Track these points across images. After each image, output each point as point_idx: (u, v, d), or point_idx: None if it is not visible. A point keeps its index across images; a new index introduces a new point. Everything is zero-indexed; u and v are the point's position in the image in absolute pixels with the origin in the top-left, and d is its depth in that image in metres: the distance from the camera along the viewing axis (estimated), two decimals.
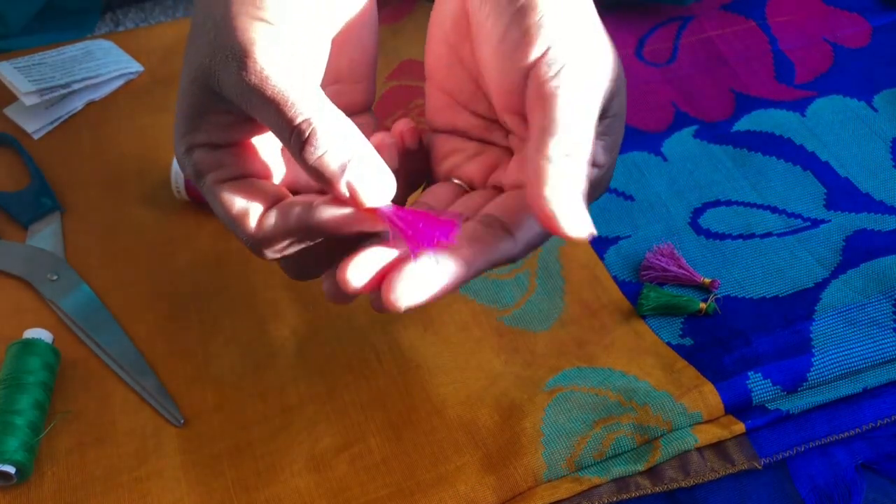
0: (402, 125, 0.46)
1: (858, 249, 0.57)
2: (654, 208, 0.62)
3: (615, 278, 0.57)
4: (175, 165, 0.63)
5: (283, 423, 0.52)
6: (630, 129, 0.67)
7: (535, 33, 0.41)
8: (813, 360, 0.50)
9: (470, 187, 0.46)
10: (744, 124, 0.67)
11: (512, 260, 0.41)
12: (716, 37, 0.74)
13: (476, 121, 0.48)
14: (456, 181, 0.47)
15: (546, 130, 0.39)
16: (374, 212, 0.39)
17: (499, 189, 0.44)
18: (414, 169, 0.47)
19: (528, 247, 0.41)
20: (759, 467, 0.47)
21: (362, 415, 0.52)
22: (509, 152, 0.46)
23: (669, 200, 0.62)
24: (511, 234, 0.40)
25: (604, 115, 0.42)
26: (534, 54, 0.41)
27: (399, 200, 0.44)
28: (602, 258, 0.59)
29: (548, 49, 0.41)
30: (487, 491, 0.47)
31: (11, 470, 0.48)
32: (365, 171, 0.39)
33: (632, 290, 0.57)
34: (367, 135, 0.42)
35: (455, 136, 0.48)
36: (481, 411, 0.51)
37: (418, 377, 0.53)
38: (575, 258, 0.59)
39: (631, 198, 0.63)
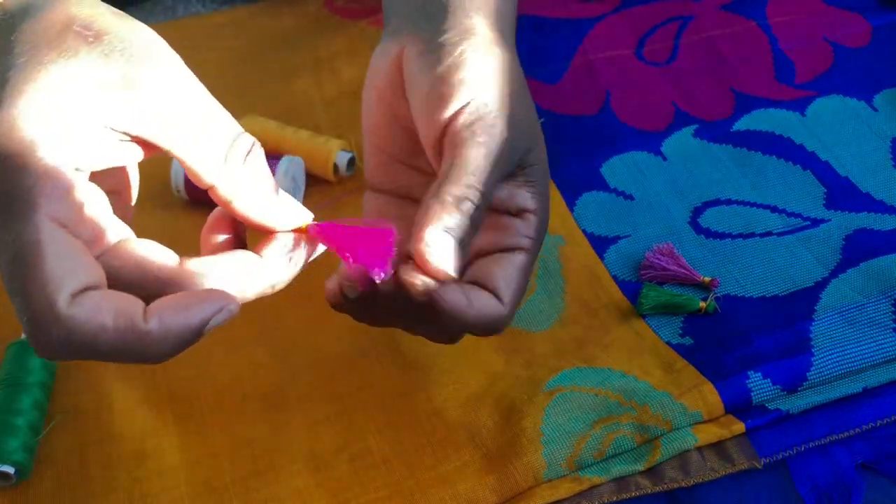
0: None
1: (858, 249, 0.57)
2: (653, 208, 0.62)
3: (615, 278, 0.57)
4: (175, 165, 0.63)
5: (282, 423, 0.52)
6: (630, 128, 0.67)
7: (458, 88, 0.44)
8: (813, 359, 0.50)
9: None
10: (744, 124, 0.67)
11: (504, 321, 0.45)
12: (716, 36, 0.74)
13: (416, 176, 0.50)
14: None
15: (445, 174, 0.43)
16: (304, 231, 0.41)
17: None
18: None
19: (513, 306, 0.45)
20: (759, 467, 0.47)
21: (362, 415, 0.52)
22: None
23: (669, 200, 0.62)
24: (499, 298, 0.44)
25: (523, 164, 0.46)
26: (453, 107, 0.44)
27: None
28: (602, 258, 0.59)
29: (467, 103, 0.44)
30: (487, 491, 0.47)
31: (11, 470, 0.48)
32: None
33: (632, 290, 0.56)
34: None
35: (396, 197, 0.51)
36: (481, 411, 0.51)
37: (418, 377, 0.53)
38: (575, 258, 0.59)
39: (631, 197, 0.62)
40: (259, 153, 0.40)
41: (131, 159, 0.39)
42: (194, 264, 0.38)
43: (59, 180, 0.35)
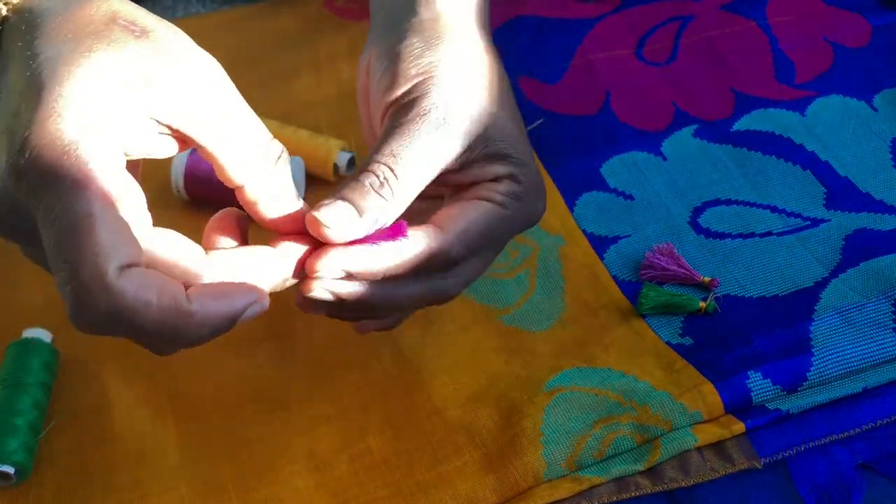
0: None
1: (858, 249, 0.57)
2: (653, 208, 0.62)
3: (615, 278, 0.57)
4: (175, 165, 0.63)
5: (282, 423, 0.52)
6: (630, 128, 0.67)
7: (399, 78, 0.45)
8: (813, 359, 0.50)
9: None
10: (744, 124, 0.67)
11: (445, 254, 0.43)
12: (716, 36, 0.74)
13: None
14: None
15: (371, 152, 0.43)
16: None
17: None
18: None
19: (460, 238, 0.43)
20: (759, 467, 0.47)
21: (362, 415, 0.52)
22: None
23: (669, 200, 0.62)
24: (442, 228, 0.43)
25: (489, 145, 0.44)
26: (392, 95, 0.45)
27: None
28: (602, 257, 0.59)
29: (405, 91, 0.44)
30: (487, 491, 0.47)
31: (11, 470, 0.48)
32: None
33: (631, 290, 0.56)
34: None
35: None
36: (481, 411, 0.51)
37: (418, 377, 0.53)
38: (575, 258, 0.59)
39: (631, 197, 0.62)
40: (287, 160, 0.42)
41: (165, 152, 0.41)
42: (220, 256, 0.40)
43: (110, 159, 0.37)
